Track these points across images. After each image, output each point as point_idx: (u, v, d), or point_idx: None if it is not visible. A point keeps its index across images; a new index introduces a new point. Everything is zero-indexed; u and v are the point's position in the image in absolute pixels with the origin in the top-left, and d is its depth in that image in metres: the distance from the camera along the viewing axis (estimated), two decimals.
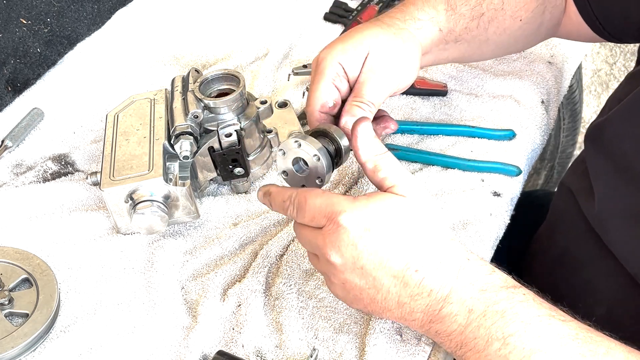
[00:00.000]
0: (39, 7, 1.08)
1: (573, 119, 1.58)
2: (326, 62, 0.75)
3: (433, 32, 0.82)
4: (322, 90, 0.74)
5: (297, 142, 0.69)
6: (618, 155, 0.78)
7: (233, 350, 0.72)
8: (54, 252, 0.82)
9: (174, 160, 0.83)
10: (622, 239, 0.78)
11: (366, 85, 0.74)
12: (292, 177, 0.72)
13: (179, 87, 0.90)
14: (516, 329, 0.61)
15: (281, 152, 0.71)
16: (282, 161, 0.72)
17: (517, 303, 0.63)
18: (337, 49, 0.75)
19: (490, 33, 0.87)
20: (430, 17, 0.81)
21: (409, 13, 0.81)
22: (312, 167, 0.70)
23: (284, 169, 0.72)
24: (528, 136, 0.95)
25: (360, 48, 0.75)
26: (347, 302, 0.68)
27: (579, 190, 0.86)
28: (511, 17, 0.87)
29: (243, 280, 0.79)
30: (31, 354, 0.73)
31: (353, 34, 0.77)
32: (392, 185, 0.66)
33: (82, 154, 0.95)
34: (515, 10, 0.87)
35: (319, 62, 0.76)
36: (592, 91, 2.09)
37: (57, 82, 1.06)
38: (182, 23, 1.18)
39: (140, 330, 0.75)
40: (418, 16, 0.81)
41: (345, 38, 0.77)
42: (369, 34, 0.76)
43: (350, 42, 0.75)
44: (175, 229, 0.85)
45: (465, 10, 0.84)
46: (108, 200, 0.80)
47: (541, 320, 0.62)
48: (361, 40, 0.76)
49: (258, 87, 1.04)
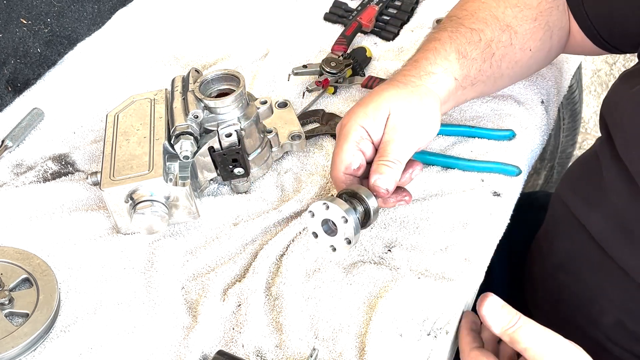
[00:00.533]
0: (39, 7, 1.08)
1: (573, 119, 1.58)
2: (349, 126, 0.77)
3: (449, 83, 0.83)
4: (346, 153, 0.76)
5: (325, 205, 0.71)
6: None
7: (233, 350, 0.72)
8: (54, 252, 0.82)
9: (174, 160, 0.83)
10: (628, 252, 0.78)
11: (391, 144, 0.76)
12: (322, 238, 0.74)
13: (179, 87, 0.90)
14: None
15: (310, 214, 0.73)
16: (312, 222, 0.74)
17: None
18: (359, 114, 0.77)
19: (503, 69, 0.89)
20: (444, 69, 0.83)
21: (423, 69, 0.82)
22: (341, 228, 0.72)
23: (313, 231, 0.75)
24: (528, 136, 0.95)
25: (381, 110, 0.77)
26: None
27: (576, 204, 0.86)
28: (521, 49, 0.89)
29: (243, 280, 0.79)
30: (31, 353, 0.73)
31: (372, 98, 0.79)
32: (532, 358, 0.68)
33: (82, 154, 0.95)
34: (523, 43, 0.89)
35: (343, 127, 0.78)
36: (592, 91, 2.09)
37: (57, 82, 1.06)
38: (182, 23, 1.18)
39: (140, 330, 0.75)
40: (432, 70, 0.82)
41: (365, 102, 0.78)
42: (387, 95, 0.78)
43: (370, 105, 0.77)
44: (175, 229, 0.85)
45: (477, 55, 0.85)
46: (108, 200, 0.80)
47: None
48: (380, 102, 0.77)
49: (258, 87, 1.04)
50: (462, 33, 0.86)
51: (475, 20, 0.87)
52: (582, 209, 0.85)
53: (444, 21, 0.90)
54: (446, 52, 0.84)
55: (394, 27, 1.15)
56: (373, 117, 0.77)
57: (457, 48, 0.84)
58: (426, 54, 0.84)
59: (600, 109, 0.84)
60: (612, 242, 0.81)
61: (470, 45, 0.85)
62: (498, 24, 0.88)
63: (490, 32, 0.87)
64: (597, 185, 0.83)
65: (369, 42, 1.13)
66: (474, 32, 0.86)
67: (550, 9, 0.90)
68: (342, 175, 0.77)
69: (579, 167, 0.92)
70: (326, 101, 1.03)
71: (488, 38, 0.86)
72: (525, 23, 0.89)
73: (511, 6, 0.89)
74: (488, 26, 0.87)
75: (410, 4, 1.18)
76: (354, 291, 0.77)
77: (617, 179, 0.79)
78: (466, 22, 0.87)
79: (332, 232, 0.74)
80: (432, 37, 0.87)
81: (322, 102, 1.03)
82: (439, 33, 0.87)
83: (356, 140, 0.76)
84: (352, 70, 1.04)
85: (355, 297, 0.77)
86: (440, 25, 0.90)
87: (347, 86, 1.04)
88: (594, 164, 0.85)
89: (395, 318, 0.73)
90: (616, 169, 0.79)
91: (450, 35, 0.85)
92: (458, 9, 0.91)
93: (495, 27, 0.87)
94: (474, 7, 0.89)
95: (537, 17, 0.89)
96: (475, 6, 0.89)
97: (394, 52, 1.11)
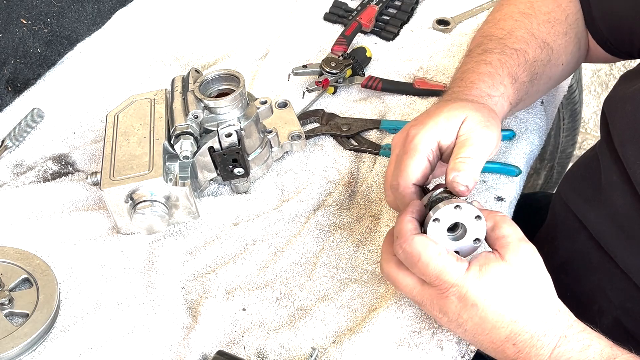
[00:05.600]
0: (39, 7, 1.08)
1: (573, 119, 1.58)
2: (420, 137, 0.74)
3: (505, 106, 0.83)
4: (419, 164, 0.74)
5: (457, 207, 0.68)
6: None
7: (234, 351, 0.72)
8: (54, 252, 0.82)
9: (174, 160, 0.83)
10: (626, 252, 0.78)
11: (468, 142, 0.73)
12: (444, 245, 0.69)
13: (179, 87, 0.90)
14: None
15: (436, 222, 0.68)
16: (435, 231, 0.69)
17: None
18: (429, 125, 0.75)
19: (541, 85, 0.90)
20: (500, 93, 0.82)
21: (482, 90, 0.81)
22: (472, 228, 0.69)
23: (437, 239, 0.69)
24: (528, 136, 0.95)
25: (456, 118, 0.74)
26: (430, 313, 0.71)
27: (577, 204, 0.86)
28: (555, 65, 0.90)
29: (244, 281, 0.79)
30: (31, 354, 0.73)
31: (441, 110, 0.76)
32: (504, 245, 0.67)
33: (82, 154, 0.95)
34: (557, 58, 0.90)
35: (411, 139, 0.75)
36: (592, 91, 2.08)
37: (57, 82, 1.06)
38: (182, 23, 1.18)
39: (140, 330, 0.75)
40: (490, 93, 0.82)
41: (432, 115, 0.76)
42: (460, 106, 0.76)
43: (442, 115, 0.75)
44: (176, 229, 0.85)
45: (525, 77, 0.86)
46: (108, 200, 0.80)
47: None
48: (453, 111, 0.75)
49: (258, 87, 1.04)
50: (509, 55, 0.85)
51: (516, 41, 0.87)
52: (582, 209, 0.86)
53: (483, 41, 0.89)
54: (500, 76, 0.83)
55: (394, 27, 1.15)
56: (445, 125, 0.74)
57: (509, 72, 0.84)
58: (482, 76, 0.83)
59: (602, 108, 0.84)
60: (612, 243, 0.81)
61: (519, 68, 0.85)
62: (536, 41, 0.88)
63: (532, 52, 0.87)
64: (598, 186, 0.83)
65: (369, 42, 1.13)
66: (519, 53, 0.86)
67: (576, 21, 0.91)
68: (412, 186, 0.74)
69: (580, 168, 0.92)
70: (326, 101, 1.03)
71: (531, 58, 0.87)
72: (558, 38, 0.89)
73: (543, 22, 0.89)
74: (529, 46, 0.87)
75: (410, 4, 1.18)
76: (354, 292, 0.77)
77: (617, 180, 0.79)
78: (508, 43, 0.87)
79: (457, 238, 0.70)
80: (480, 60, 0.85)
81: (322, 102, 1.03)
82: (487, 55, 0.85)
83: (427, 152, 0.74)
84: (352, 70, 1.04)
85: (356, 297, 0.77)
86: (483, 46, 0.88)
87: (347, 86, 1.04)
88: (594, 165, 0.85)
89: (396, 319, 0.74)
90: (616, 170, 0.79)
91: (500, 59, 0.85)
92: (493, 26, 0.90)
93: (535, 46, 0.87)
94: (510, 25, 0.89)
95: (567, 31, 0.90)
96: (511, 24, 0.89)
97: (394, 52, 1.11)
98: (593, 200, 0.84)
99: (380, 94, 1.03)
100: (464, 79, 0.84)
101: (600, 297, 0.84)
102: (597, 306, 0.84)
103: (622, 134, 0.79)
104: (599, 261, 0.82)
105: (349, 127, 0.97)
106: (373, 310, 0.75)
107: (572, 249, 0.88)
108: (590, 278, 0.85)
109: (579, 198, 0.87)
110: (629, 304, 0.81)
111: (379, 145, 0.95)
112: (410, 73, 1.06)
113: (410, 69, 1.07)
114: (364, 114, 1.00)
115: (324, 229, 0.85)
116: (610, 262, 0.80)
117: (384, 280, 0.78)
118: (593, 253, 0.83)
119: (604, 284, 0.83)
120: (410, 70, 1.07)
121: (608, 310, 0.83)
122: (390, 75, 1.06)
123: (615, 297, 0.82)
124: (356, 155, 0.95)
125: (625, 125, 0.79)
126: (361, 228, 0.85)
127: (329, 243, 0.83)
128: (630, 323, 0.81)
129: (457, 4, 1.19)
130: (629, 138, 0.78)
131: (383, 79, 1.03)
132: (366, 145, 0.95)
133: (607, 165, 0.82)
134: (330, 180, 0.90)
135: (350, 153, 0.95)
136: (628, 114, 0.79)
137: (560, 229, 0.91)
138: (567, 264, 0.89)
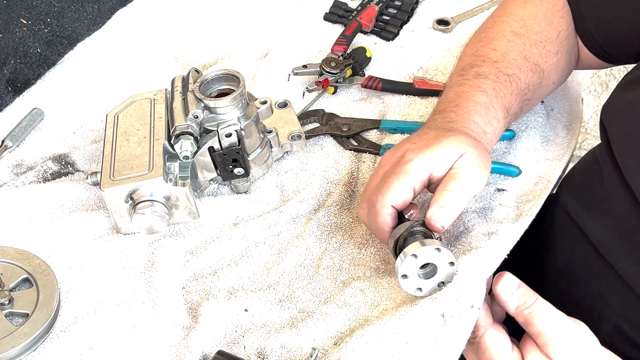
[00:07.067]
0: (39, 7, 1.08)
1: None
2: (413, 164, 0.74)
3: (493, 142, 0.84)
4: (402, 187, 0.74)
5: (437, 249, 0.69)
6: None
7: (235, 351, 0.72)
8: (54, 252, 0.82)
9: (174, 160, 0.83)
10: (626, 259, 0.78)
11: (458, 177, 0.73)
12: (411, 280, 0.71)
13: (179, 87, 0.90)
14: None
15: (412, 257, 0.69)
16: (409, 265, 0.70)
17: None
18: (426, 154, 0.74)
19: (529, 107, 0.91)
20: (493, 129, 0.83)
21: (479, 125, 0.81)
22: (442, 271, 0.70)
23: (404, 273, 0.71)
24: (528, 136, 0.95)
25: (455, 152, 0.74)
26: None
27: (577, 211, 0.86)
28: (546, 85, 0.91)
29: (246, 282, 0.79)
30: (31, 354, 0.73)
31: (440, 140, 0.75)
32: (544, 344, 0.66)
33: (82, 154, 0.95)
34: (548, 78, 0.90)
35: (405, 162, 0.75)
36: (592, 91, 2.08)
37: (57, 82, 1.06)
38: (182, 23, 1.18)
39: (140, 330, 0.75)
40: (486, 130, 0.82)
41: (431, 144, 0.75)
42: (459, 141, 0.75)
43: (441, 147, 0.74)
44: (176, 229, 0.85)
45: (517, 107, 0.86)
46: (108, 200, 0.80)
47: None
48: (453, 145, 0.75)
49: (258, 87, 1.04)
50: (503, 82, 0.85)
51: (509, 65, 0.86)
52: (582, 215, 0.85)
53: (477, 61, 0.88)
54: (494, 109, 0.83)
55: (394, 27, 1.15)
56: (441, 157, 0.74)
57: (503, 104, 0.84)
58: (477, 107, 0.82)
59: (600, 116, 0.84)
60: (612, 250, 0.80)
61: (512, 97, 0.85)
62: (528, 65, 0.87)
63: (524, 78, 0.87)
64: (598, 192, 0.83)
65: (369, 42, 1.13)
66: (512, 79, 0.85)
67: (568, 37, 0.91)
68: (390, 207, 0.74)
69: (580, 173, 0.91)
70: (326, 101, 1.03)
71: (523, 85, 0.86)
72: (550, 58, 0.89)
73: (535, 43, 0.89)
74: (521, 71, 0.87)
75: (410, 4, 1.18)
76: (356, 288, 0.77)
77: (618, 187, 0.79)
78: (502, 68, 0.86)
79: (427, 276, 0.71)
80: (476, 86, 0.84)
81: (322, 102, 1.03)
82: (482, 81, 0.84)
83: (415, 181, 0.74)
84: (352, 70, 1.04)
85: (358, 293, 0.77)
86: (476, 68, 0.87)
87: (347, 86, 1.04)
88: (594, 170, 0.85)
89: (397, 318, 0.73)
90: (616, 177, 0.79)
91: (495, 87, 0.84)
92: (485, 45, 0.89)
93: (527, 70, 0.87)
94: (503, 46, 0.88)
95: (558, 50, 0.90)
96: (503, 46, 0.88)
97: (394, 52, 1.11)
98: (593, 208, 0.84)
99: (380, 94, 1.04)
100: (460, 105, 0.83)
101: (600, 304, 0.83)
102: (597, 313, 0.83)
103: (622, 144, 0.79)
104: (599, 268, 0.82)
105: (349, 127, 0.97)
106: (375, 307, 0.75)
107: (572, 255, 0.88)
108: (591, 284, 0.85)
109: (579, 205, 0.87)
110: (630, 311, 0.80)
111: (379, 145, 0.95)
112: (410, 73, 1.06)
113: (410, 69, 1.07)
114: (364, 114, 1.00)
115: (325, 230, 0.85)
116: (611, 270, 0.80)
117: (386, 274, 0.78)
118: (593, 260, 0.83)
119: (604, 291, 0.83)
120: (410, 70, 1.07)
121: (609, 317, 0.83)
122: (390, 75, 1.06)
123: (616, 304, 0.82)
124: (356, 155, 0.95)
125: (624, 135, 0.78)
126: (362, 229, 0.85)
127: (332, 244, 0.83)
128: (632, 331, 0.81)
129: (457, 4, 1.19)
130: (628, 148, 0.77)
131: (383, 79, 1.03)
132: (366, 145, 0.95)
133: (608, 173, 0.81)
134: (330, 180, 0.90)
135: (350, 153, 0.95)
136: (626, 123, 0.78)
137: (560, 234, 0.91)
138: (566, 269, 0.89)
